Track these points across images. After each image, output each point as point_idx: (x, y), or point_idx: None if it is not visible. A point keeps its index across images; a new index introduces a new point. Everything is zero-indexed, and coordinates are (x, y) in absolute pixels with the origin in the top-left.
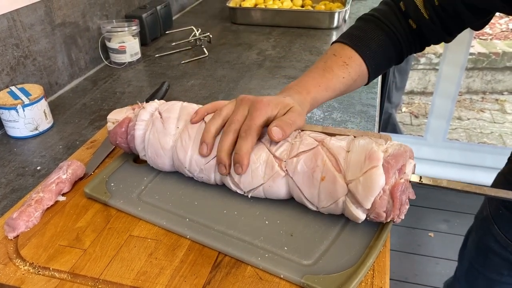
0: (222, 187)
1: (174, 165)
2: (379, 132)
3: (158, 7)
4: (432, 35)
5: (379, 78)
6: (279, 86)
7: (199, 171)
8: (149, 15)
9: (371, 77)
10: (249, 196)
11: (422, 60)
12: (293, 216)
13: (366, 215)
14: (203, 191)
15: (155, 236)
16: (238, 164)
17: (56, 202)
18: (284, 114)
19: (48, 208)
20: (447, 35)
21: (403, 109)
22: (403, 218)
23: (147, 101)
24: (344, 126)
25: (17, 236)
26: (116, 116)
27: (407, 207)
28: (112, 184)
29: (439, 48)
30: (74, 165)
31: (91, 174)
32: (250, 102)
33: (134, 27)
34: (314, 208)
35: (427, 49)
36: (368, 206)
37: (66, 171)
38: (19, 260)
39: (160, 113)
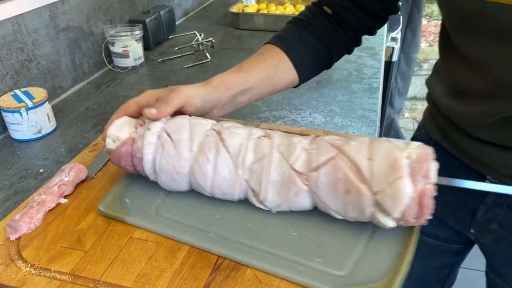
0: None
1: (193, 186)
2: (380, 137)
3: (162, 12)
4: (350, 17)
5: (381, 83)
6: (280, 91)
7: (220, 194)
8: (152, 20)
9: (298, 68)
10: (275, 212)
11: (425, 65)
12: (318, 226)
13: (396, 222)
14: (223, 204)
15: (156, 238)
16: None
17: (58, 204)
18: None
19: (50, 210)
20: (368, 17)
21: (406, 115)
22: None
23: None
24: (345, 131)
25: (19, 237)
26: (116, 132)
27: (432, 207)
28: (127, 200)
29: None
30: (76, 167)
31: (93, 177)
32: None
33: (137, 32)
34: (340, 218)
35: (430, 54)
36: (398, 215)
37: (69, 174)
38: (21, 262)
39: (169, 135)
